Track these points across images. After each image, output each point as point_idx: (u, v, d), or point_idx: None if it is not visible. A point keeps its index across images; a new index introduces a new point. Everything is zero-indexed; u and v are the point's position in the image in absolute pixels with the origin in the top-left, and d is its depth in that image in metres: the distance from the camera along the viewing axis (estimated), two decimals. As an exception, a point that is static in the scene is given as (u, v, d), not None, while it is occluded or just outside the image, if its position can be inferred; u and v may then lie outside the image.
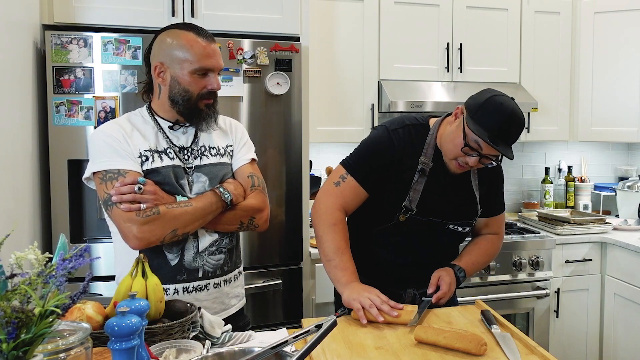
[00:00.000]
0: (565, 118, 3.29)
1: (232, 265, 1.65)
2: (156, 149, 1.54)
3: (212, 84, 1.54)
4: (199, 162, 1.58)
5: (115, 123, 1.56)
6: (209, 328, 1.35)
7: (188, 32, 1.53)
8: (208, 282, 1.58)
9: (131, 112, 1.63)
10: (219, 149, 1.64)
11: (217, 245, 1.59)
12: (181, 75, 1.51)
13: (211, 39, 1.55)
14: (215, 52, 1.55)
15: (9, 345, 0.80)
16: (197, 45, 1.51)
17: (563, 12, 3.23)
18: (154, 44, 1.56)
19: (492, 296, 2.70)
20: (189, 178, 1.56)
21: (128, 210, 1.41)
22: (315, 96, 2.72)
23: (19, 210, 1.97)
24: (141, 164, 1.50)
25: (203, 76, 1.52)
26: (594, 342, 2.98)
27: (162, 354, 1.13)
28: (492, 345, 1.33)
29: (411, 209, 1.66)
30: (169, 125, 1.58)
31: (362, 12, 2.87)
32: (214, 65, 1.53)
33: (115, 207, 1.42)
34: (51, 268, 0.88)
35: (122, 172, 1.45)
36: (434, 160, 1.67)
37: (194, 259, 1.55)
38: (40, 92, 2.20)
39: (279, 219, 2.44)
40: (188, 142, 1.59)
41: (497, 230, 1.86)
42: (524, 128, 1.56)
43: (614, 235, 2.92)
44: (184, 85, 1.52)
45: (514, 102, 1.55)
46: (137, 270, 1.27)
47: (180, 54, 1.50)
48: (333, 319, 1.06)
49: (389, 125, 1.72)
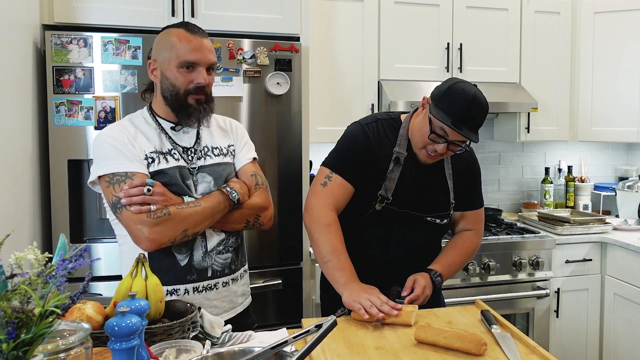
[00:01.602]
0: (565, 118, 3.29)
1: (239, 263, 1.67)
2: (161, 150, 1.54)
3: (198, 79, 1.51)
4: (202, 163, 1.59)
5: (119, 125, 1.56)
6: (209, 328, 1.35)
7: (179, 28, 1.53)
8: (217, 281, 1.59)
9: (132, 114, 1.62)
10: (222, 149, 1.64)
11: (224, 244, 1.60)
12: (168, 70, 1.51)
13: (201, 34, 1.54)
14: (203, 46, 1.53)
15: (9, 345, 0.80)
16: (184, 39, 1.50)
17: (563, 12, 3.23)
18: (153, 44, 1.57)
19: (492, 296, 2.70)
20: (193, 178, 1.56)
21: (138, 212, 1.40)
22: (315, 96, 2.72)
23: (19, 210, 1.97)
24: (147, 166, 1.50)
25: (189, 70, 1.51)
26: (594, 342, 2.98)
27: (162, 354, 1.13)
28: (492, 345, 1.33)
29: (387, 197, 1.70)
30: (171, 126, 1.58)
31: (362, 12, 2.87)
32: (198, 58, 1.51)
33: (125, 209, 1.41)
34: (51, 268, 0.88)
35: (130, 175, 1.45)
36: (408, 151, 1.71)
37: (203, 259, 1.56)
38: (40, 92, 2.20)
39: (279, 219, 2.44)
40: (191, 143, 1.59)
41: (474, 226, 1.86)
42: (488, 113, 1.60)
43: (614, 235, 2.92)
44: (171, 80, 1.51)
45: (477, 88, 1.59)
46: (137, 270, 1.27)
47: (168, 49, 1.51)
48: (333, 319, 1.06)
49: (362, 120, 1.78)
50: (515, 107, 3.02)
